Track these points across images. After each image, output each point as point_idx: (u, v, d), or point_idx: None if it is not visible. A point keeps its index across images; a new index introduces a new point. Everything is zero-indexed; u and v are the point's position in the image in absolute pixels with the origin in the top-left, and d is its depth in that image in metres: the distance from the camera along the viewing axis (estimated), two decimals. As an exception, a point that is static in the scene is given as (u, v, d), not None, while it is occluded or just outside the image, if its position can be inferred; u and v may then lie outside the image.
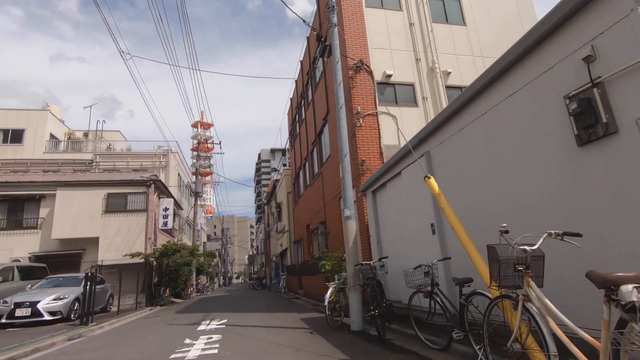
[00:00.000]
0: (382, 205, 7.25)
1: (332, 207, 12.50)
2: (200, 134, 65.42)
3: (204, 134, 71.30)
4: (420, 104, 10.71)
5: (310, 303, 12.48)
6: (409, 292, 5.96)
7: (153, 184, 18.34)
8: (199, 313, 11.64)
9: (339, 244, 11.14)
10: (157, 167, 27.28)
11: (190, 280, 24.29)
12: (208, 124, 73.78)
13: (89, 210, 17.06)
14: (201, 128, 68.06)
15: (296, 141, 20.12)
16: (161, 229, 18.59)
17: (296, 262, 19.14)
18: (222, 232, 61.80)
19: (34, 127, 26.13)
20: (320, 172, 14.29)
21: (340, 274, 7.01)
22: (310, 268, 13.64)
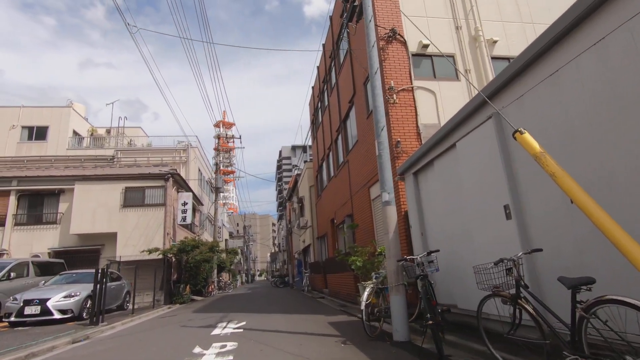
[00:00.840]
0: (427, 189, 6.02)
1: (360, 197, 11.31)
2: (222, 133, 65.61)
3: (226, 133, 71.51)
4: (462, 78, 9.34)
5: (336, 303, 11.36)
6: (465, 294, 4.73)
7: (171, 177, 17.69)
8: (217, 313, 10.74)
9: (369, 238, 9.95)
10: (177, 163, 26.87)
11: (211, 278, 23.70)
12: (230, 123, 73.92)
13: (107, 204, 16.59)
14: (223, 127, 68.33)
15: (318, 131, 19.02)
16: (180, 224, 17.95)
17: (320, 259, 18.07)
18: (244, 230, 61.65)
19: (57, 124, 26.25)
20: (345, 161, 13.12)
21: (378, 272, 5.84)
22: (336, 265, 12.51)
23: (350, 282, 10.69)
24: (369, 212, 10.36)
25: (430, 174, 5.87)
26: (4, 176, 16.88)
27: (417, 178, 6.38)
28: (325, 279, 16.00)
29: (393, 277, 5.26)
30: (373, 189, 10.17)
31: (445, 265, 5.20)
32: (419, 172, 6.28)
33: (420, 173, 6.23)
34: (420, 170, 6.17)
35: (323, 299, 13.94)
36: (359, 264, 8.38)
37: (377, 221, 9.95)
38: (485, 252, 4.28)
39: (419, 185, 6.34)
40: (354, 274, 10.14)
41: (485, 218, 4.32)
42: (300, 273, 24.09)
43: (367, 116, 10.37)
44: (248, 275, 71.94)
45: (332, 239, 15.85)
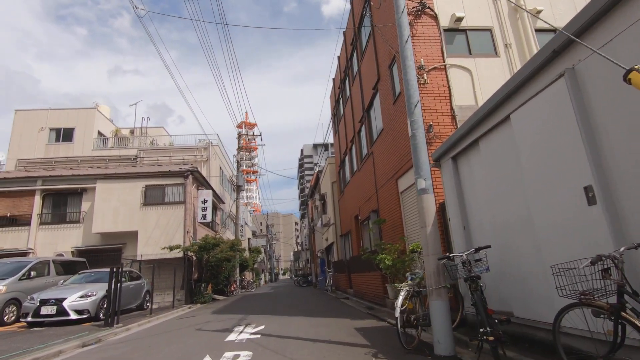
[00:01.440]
0: (469, 174, 5.12)
1: (386, 191, 10.44)
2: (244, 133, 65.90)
3: (247, 131, 71.80)
4: (502, 53, 8.31)
5: (363, 305, 10.55)
6: (525, 299, 3.83)
7: (191, 174, 17.38)
8: (236, 315, 10.18)
9: (397, 235, 9.09)
10: (198, 161, 26.73)
11: (234, 277, 23.39)
12: (252, 123, 74.33)
13: (128, 203, 16.45)
14: (245, 127, 68.71)
15: (340, 124, 18.21)
16: (200, 222, 17.63)
17: (344, 258, 17.28)
18: (267, 228, 61.65)
19: (83, 125, 26.72)
20: (370, 153, 12.26)
21: (414, 272, 5.00)
22: (361, 264, 11.69)
23: (377, 282, 9.86)
24: (397, 206, 9.48)
25: (474, 156, 4.97)
26: (29, 176, 17.07)
27: (457, 163, 5.48)
28: (349, 278, 15.21)
29: (433, 278, 4.41)
30: (401, 181, 9.29)
31: (496, 264, 4.31)
32: (459, 156, 5.38)
33: (461, 157, 5.33)
34: (460, 153, 5.27)
35: (348, 299, 13.15)
36: (387, 263, 7.55)
37: (407, 216, 9.07)
38: (554, 246, 3.38)
39: (459, 171, 5.44)
40: (381, 274, 9.31)
41: (555, 204, 3.41)
42: (324, 272, 23.39)
43: (393, 101, 9.50)
44: (272, 274, 72.11)
45: (356, 236, 15.03)
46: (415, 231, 8.48)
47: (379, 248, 9.03)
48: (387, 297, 9.08)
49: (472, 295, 3.76)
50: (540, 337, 3.63)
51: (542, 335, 3.60)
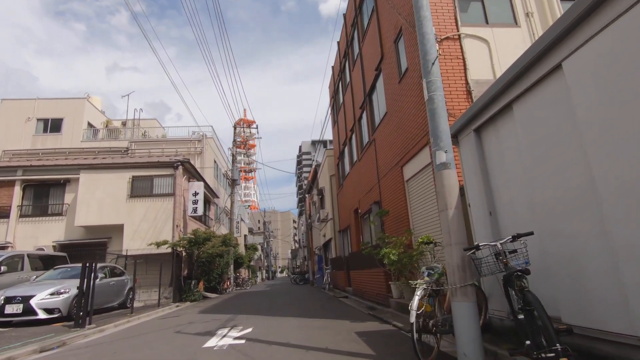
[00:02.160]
0: (498, 148, 4.20)
1: (390, 180, 9.53)
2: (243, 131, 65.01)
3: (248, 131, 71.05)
4: (523, 23, 7.38)
5: (363, 305, 9.65)
6: (584, 302, 2.91)
7: (181, 165, 16.42)
8: (224, 314, 9.27)
9: (403, 227, 8.19)
10: (192, 154, 25.76)
11: (227, 274, 22.46)
12: (250, 121, 73.32)
13: (114, 195, 15.49)
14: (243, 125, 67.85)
15: (339, 113, 17.27)
16: (191, 215, 16.68)
17: (342, 255, 16.38)
18: (264, 225, 60.73)
19: (72, 116, 25.68)
20: (371, 141, 11.34)
21: (432, 267, 4.05)
22: (362, 260, 10.80)
23: (379, 280, 8.96)
24: (402, 196, 8.57)
25: (505, 124, 4.04)
26: (9, 165, 16.09)
27: (481, 136, 4.55)
28: (348, 276, 14.31)
29: (457, 274, 3.50)
30: (407, 168, 8.37)
31: (536, 257, 3.40)
32: (484, 127, 4.45)
33: (487, 127, 4.40)
34: (487, 123, 4.34)
35: (346, 298, 12.26)
36: (393, 258, 6.65)
37: (414, 206, 8.16)
38: (635, 229, 2.46)
39: (484, 146, 4.51)
40: (384, 271, 8.42)
41: (623, 183, 2.50)
42: (321, 270, 22.50)
43: (399, 80, 8.58)
44: (269, 271, 71.23)
45: (355, 231, 14.13)
46: (423, 223, 7.58)
47: (382, 242, 8.12)
48: (390, 296, 8.19)
49: (516, 297, 2.85)
50: (607, 353, 2.72)
51: (610, 350, 2.69)
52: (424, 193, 7.54)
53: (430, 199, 7.15)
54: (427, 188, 7.31)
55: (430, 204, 7.17)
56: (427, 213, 7.38)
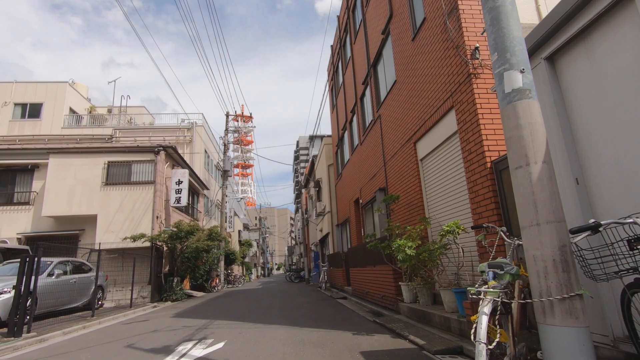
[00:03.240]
0: (593, 83, 2.69)
1: (399, 161, 8.00)
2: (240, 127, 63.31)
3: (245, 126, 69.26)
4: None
5: (365, 309, 8.15)
6: None
7: (163, 151, 14.83)
8: (199, 320, 7.75)
9: (415, 215, 6.67)
10: (180, 142, 24.20)
11: (216, 271, 20.93)
12: (247, 116, 71.42)
13: (87, 181, 13.90)
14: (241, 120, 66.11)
15: (339, 96, 15.72)
16: (174, 206, 15.11)
17: (340, 250, 14.87)
18: (259, 221, 59.16)
19: (52, 101, 23.98)
20: (376, 118, 9.81)
21: (500, 263, 2.43)
22: (363, 256, 9.29)
23: (386, 279, 7.44)
24: (416, 178, 7.05)
25: (612, 36, 2.52)
26: (-30, 148, 14.45)
27: (558, 65, 3.03)
28: (347, 274, 12.81)
29: (552, 276, 1.98)
30: (422, 144, 6.85)
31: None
32: (564, 52, 2.93)
33: (571, 50, 2.88)
34: (570, 44, 2.82)
35: (345, 300, 10.76)
36: (409, 252, 5.14)
37: (430, 189, 6.64)
38: None
39: (563, 80, 2.99)
40: (392, 269, 6.90)
41: None
42: (317, 267, 21.01)
43: (413, 36, 7.03)
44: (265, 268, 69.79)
45: (355, 224, 12.61)
46: (443, 209, 6.06)
47: (392, 233, 6.60)
48: (401, 299, 6.68)
49: None
50: None
51: None
52: (446, 171, 6.02)
53: (457, 177, 5.63)
54: (452, 164, 5.79)
55: (456, 184, 5.65)
56: (451, 196, 5.86)
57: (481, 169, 4.76)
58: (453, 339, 4.28)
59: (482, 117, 4.80)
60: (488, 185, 4.61)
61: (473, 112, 4.92)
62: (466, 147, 5.13)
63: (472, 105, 4.94)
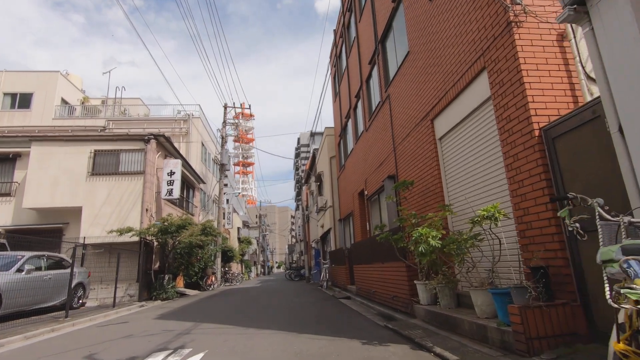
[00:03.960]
0: None
1: (412, 143, 7.03)
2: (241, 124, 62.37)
3: (246, 124, 68.43)
4: None
5: (373, 311, 7.20)
6: None
7: (154, 139, 13.88)
8: (184, 322, 6.81)
9: (432, 203, 5.72)
10: (176, 135, 23.25)
11: (212, 268, 20.01)
12: (249, 114, 70.44)
13: (72, 171, 12.96)
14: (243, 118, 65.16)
15: (342, 83, 14.74)
16: (165, 198, 14.15)
17: (343, 246, 13.91)
18: (259, 218, 58.25)
19: (43, 91, 23.07)
20: (385, 98, 8.84)
21: None
22: (371, 251, 8.33)
23: (398, 277, 6.47)
24: (433, 160, 6.08)
25: None
26: (-52, 136, 13.52)
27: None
28: (350, 272, 11.86)
29: None
30: (442, 119, 5.88)
31: None
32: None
33: None
34: None
35: (349, 300, 9.81)
36: (434, 244, 4.17)
37: (450, 172, 5.68)
38: None
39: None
40: (406, 265, 5.95)
41: None
42: (318, 264, 20.08)
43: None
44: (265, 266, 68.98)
45: (360, 218, 11.65)
46: (467, 195, 5.08)
47: (407, 223, 5.64)
48: (416, 301, 5.71)
49: None
50: None
51: None
52: (472, 149, 5.05)
53: (488, 154, 4.66)
54: (481, 139, 4.82)
55: (487, 162, 4.68)
56: (478, 178, 4.89)
57: (525, 139, 3.79)
58: (494, 354, 3.31)
59: (527, 75, 3.82)
60: (536, 159, 3.64)
61: (514, 70, 3.94)
62: (503, 115, 4.16)
63: (513, 61, 3.97)
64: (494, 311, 3.81)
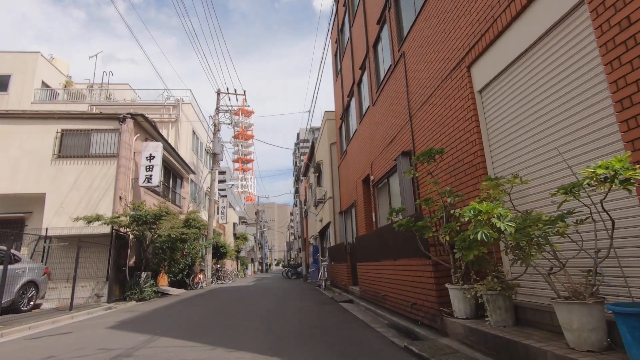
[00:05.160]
0: None
1: (434, 106, 5.44)
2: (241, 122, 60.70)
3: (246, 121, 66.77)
4: None
5: (383, 320, 5.63)
6: None
7: (132, 119, 12.26)
8: (140, 335, 5.23)
9: (468, 178, 4.10)
10: (165, 122, 21.67)
11: (201, 265, 18.43)
12: (248, 111, 68.58)
13: (35, 153, 11.37)
14: (242, 115, 63.52)
15: (344, 57, 13.11)
16: (143, 185, 12.51)
17: (344, 241, 12.31)
18: (257, 215, 56.67)
19: (21, 73, 21.45)
20: (399, 57, 7.21)
21: None
22: (379, 246, 6.74)
23: (421, 278, 4.85)
24: (470, 122, 4.48)
25: None
26: None
27: None
28: (353, 270, 10.28)
29: None
30: (485, 64, 4.27)
31: None
32: None
33: None
34: None
35: (351, 304, 8.24)
36: (504, 227, 2.53)
37: (496, 133, 4.07)
38: None
39: None
40: (432, 262, 4.35)
41: None
42: (316, 262, 18.50)
43: None
44: (262, 264, 67.47)
45: (364, 208, 10.06)
46: (526, 161, 3.47)
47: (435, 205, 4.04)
48: (447, 312, 4.11)
49: None
50: None
51: None
52: (536, 94, 3.43)
53: (564, 97, 3.04)
54: (552, 77, 3.20)
55: (565, 108, 3.06)
56: (550, 135, 3.28)
57: None
58: None
59: None
60: None
61: None
62: (612, 20, 2.55)
63: None
64: (603, 339, 2.22)
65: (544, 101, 3.39)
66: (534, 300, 3.40)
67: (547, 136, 3.35)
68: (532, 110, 3.55)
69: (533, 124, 3.53)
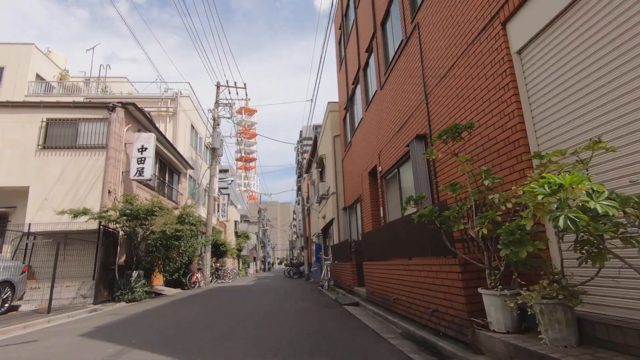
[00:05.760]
0: None
1: (457, 78, 4.63)
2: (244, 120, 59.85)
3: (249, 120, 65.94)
4: None
5: (397, 331, 4.84)
6: None
7: (122, 108, 11.51)
8: (112, 345, 4.48)
9: (501, 159, 3.24)
10: (162, 116, 20.94)
11: (199, 264, 17.71)
12: (251, 109, 67.55)
13: (18, 144, 10.66)
14: (245, 114, 62.65)
15: (349, 42, 12.29)
16: (134, 178, 11.76)
17: (348, 239, 11.51)
18: (259, 213, 55.96)
19: (14, 65, 20.83)
20: (412, 30, 6.40)
21: None
22: (390, 243, 5.94)
23: (442, 280, 4.04)
24: (507, 90, 3.67)
25: None
26: None
27: None
28: (358, 270, 9.48)
29: None
30: (525, 17, 3.45)
31: None
32: None
33: None
34: None
35: (357, 307, 7.45)
36: (604, 209, 1.70)
37: (539, 105, 3.23)
38: None
39: None
40: (459, 262, 3.53)
41: None
42: (319, 261, 17.72)
43: None
44: (265, 263, 66.81)
45: (371, 202, 9.25)
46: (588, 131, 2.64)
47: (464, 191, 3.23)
48: (480, 323, 3.29)
49: None
50: None
51: None
52: (603, 47, 2.61)
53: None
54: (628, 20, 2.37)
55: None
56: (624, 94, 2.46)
57: None
58: None
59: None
60: None
61: None
62: None
63: None
64: None
65: (612, 54, 2.57)
66: (605, 313, 2.58)
67: (618, 98, 2.53)
68: (594, 67, 2.73)
69: (597, 85, 2.71)
